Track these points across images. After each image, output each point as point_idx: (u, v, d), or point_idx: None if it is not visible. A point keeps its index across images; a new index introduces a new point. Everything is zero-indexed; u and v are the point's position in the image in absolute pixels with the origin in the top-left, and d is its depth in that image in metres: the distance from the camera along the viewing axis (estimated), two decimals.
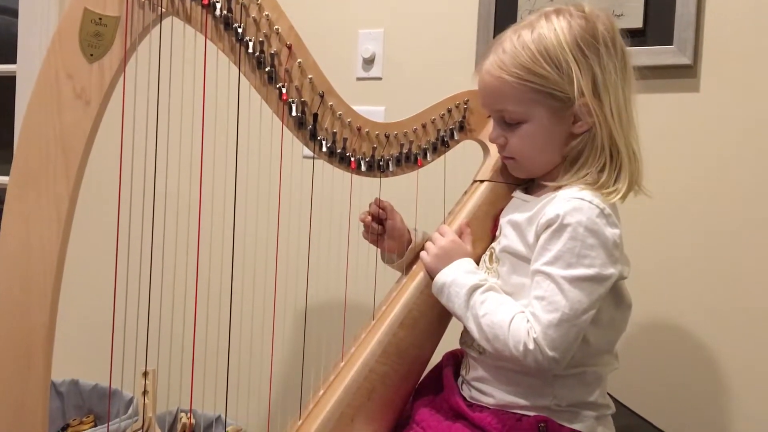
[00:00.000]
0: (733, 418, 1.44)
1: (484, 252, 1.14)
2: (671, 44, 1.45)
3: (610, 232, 0.97)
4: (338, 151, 1.14)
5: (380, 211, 1.23)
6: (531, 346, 0.95)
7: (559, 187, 1.03)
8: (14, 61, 2.11)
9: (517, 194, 1.13)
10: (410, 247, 1.23)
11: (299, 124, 1.12)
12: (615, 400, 1.11)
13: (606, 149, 1.01)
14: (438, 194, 1.23)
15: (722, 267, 1.45)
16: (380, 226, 1.24)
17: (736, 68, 1.43)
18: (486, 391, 1.06)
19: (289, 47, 1.09)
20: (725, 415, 1.45)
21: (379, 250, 1.27)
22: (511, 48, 1.02)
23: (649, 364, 1.49)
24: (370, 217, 1.23)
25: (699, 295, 1.46)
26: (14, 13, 2.11)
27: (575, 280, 0.95)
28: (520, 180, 1.15)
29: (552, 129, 1.04)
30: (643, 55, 1.45)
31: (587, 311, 0.95)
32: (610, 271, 0.96)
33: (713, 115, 1.45)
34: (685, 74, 1.46)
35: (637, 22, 1.47)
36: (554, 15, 1.03)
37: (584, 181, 1.01)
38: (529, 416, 1.02)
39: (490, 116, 1.13)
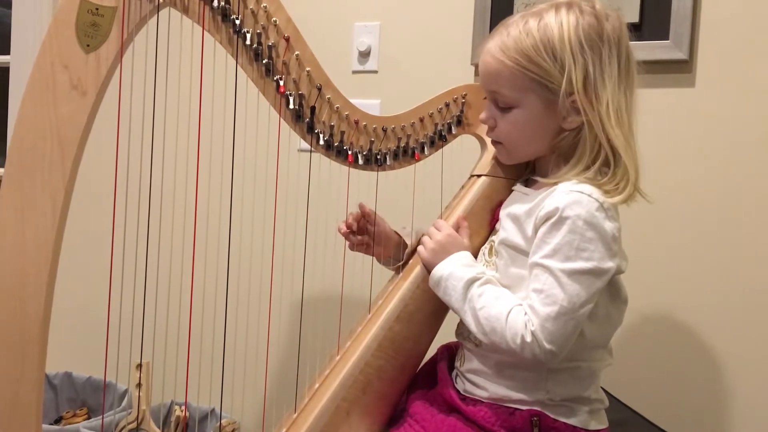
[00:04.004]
0: (727, 411, 1.45)
1: (481, 245, 1.14)
2: (667, 39, 1.45)
3: (609, 225, 0.97)
4: (335, 144, 1.14)
5: (361, 218, 1.23)
6: (528, 338, 0.95)
7: (557, 181, 1.02)
8: (8, 52, 2.09)
9: (518, 187, 1.13)
10: (407, 251, 1.23)
11: (296, 117, 1.11)
12: (608, 394, 1.12)
13: (604, 149, 1.01)
14: (435, 188, 1.23)
15: (716, 262, 1.45)
16: (363, 235, 1.25)
17: (732, 64, 1.43)
18: (480, 383, 1.07)
19: (287, 39, 1.08)
20: (718, 408, 1.46)
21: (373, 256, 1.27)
22: (515, 33, 1.03)
23: (642, 358, 1.50)
24: (347, 230, 1.24)
25: (693, 290, 1.47)
26: (8, 4, 2.10)
27: (574, 274, 0.95)
28: (518, 174, 1.15)
29: (542, 120, 1.04)
30: (639, 50, 1.42)
31: (585, 305, 0.95)
32: (609, 264, 0.96)
33: (708, 111, 1.45)
34: (680, 69, 1.47)
35: (633, 17, 1.47)
36: (565, 7, 1.03)
37: (584, 175, 1.01)
38: (522, 410, 1.02)
39: (485, 98, 1.13)
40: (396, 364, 1.13)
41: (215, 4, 1.05)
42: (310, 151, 1.15)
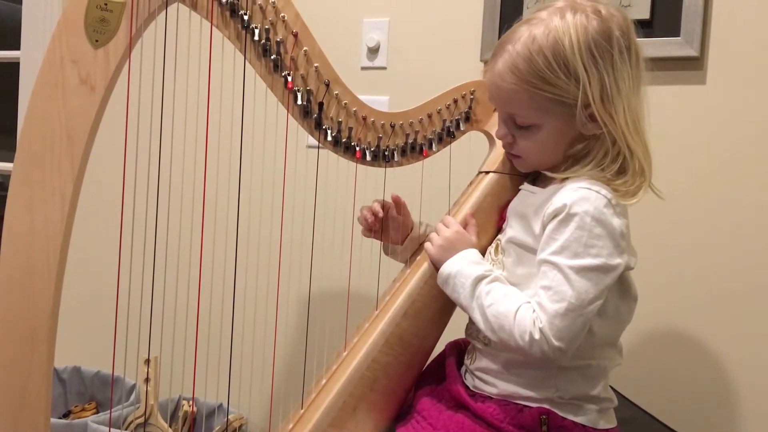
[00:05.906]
0: (734, 409, 1.44)
1: (489, 243, 1.14)
2: (678, 36, 1.45)
3: (617, 222, 0.97)
4: (343, 140, 1.14)
5: (391, 205, 1.23)
6: (537, 336, 0.95)
7: (566, 179, 1.02)
8: (18, 48, 2.10)
9: (525, 186, 1.13)
10: (410, 236, 1.23)
11: (304, 113, 1.11)
12: (616, 392, 1.11)
13: (621, 153, 1.00)
14: (443, 185, 1.23)
15: (726, 261, 1.44)
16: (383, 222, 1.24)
17: (743, 61, 1.42)
18: (489, 381, 1.06)
19: (295, 35, 1.08)
20: (726, 405, 1.45)
21: (381, 241, 1.27)
22: (525, 52, 1.00)
23: (650, 355, 1.49)
24: (372, 216, 1.22)
25: (703, 287, 1.46)
26: (18, 0, 2.11)
27: (582, 270, 0.95)
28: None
29: (562, 133, 1.03)
30: (650, 47, 1.43)
31: (594, 301, 0.95)
32: (617, 261, 0.96)
33: (719, 108, 1.44)
34: (691, 66, 1.46)
35: (644, 13, 1.46)
36: (569, 13, 1.00)
37: (598, 175, 1.00)
38: (531, 407, 1.02)
39: (495, 110, 1.13)
40: (403, 360, 1.13)
41: None
42: (318, 148, 1.15)
